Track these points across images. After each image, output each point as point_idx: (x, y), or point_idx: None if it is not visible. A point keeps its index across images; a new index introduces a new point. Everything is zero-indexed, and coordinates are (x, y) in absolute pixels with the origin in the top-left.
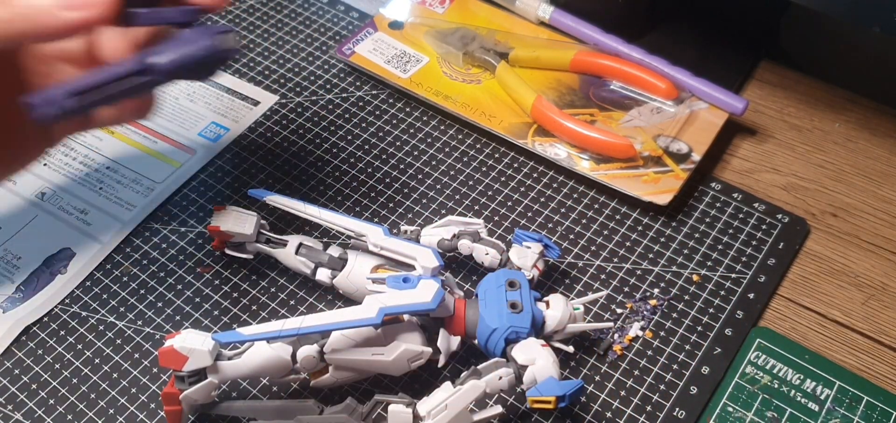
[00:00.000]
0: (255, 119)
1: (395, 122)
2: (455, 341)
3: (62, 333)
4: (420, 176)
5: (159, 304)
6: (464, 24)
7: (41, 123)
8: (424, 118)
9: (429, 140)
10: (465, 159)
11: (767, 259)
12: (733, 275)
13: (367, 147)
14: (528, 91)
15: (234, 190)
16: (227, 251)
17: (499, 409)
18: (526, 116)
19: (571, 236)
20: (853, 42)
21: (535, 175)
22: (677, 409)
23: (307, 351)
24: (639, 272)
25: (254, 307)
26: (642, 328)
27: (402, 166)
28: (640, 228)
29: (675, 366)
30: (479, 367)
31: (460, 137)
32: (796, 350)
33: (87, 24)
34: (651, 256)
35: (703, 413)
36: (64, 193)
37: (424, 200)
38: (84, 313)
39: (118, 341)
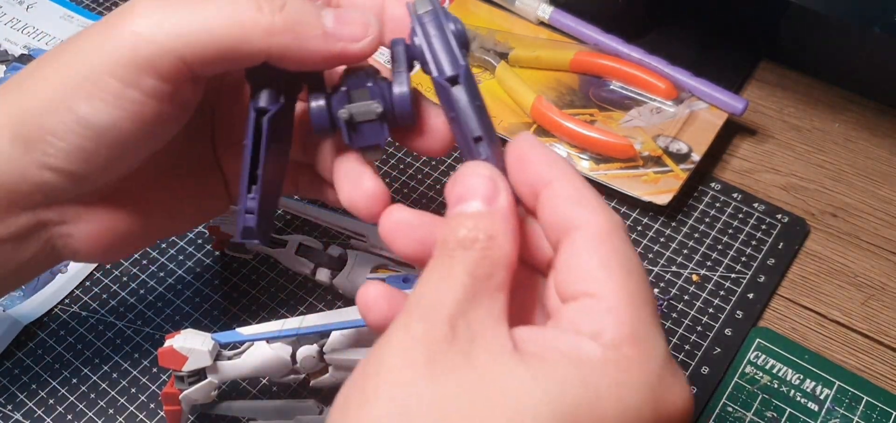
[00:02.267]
0: None
1: None
2: None
3: (62, 333)
4: (420, 176)
5: (159, 304)
6: (463, 24)
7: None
8: None
9: None
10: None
11: (767, 259)
12: (733, 275)
13: None
14: (527, 91)
15: None
16: (227, 251)
17: None
18: (526, 116)
19: None
20: (853, 42)
21: None
22: None
23: (307, 351)
24: None
25: (254, 307)
26: None
27: (402, 166)
28: (639, 228)
29: None
30: None
31: None
32: (796, 350)
33: (342, 61)
34: (651, 256)
35: (702, 413)
36: None
37: (424, 201)
38: (84, 314)
39: (118, 341)
